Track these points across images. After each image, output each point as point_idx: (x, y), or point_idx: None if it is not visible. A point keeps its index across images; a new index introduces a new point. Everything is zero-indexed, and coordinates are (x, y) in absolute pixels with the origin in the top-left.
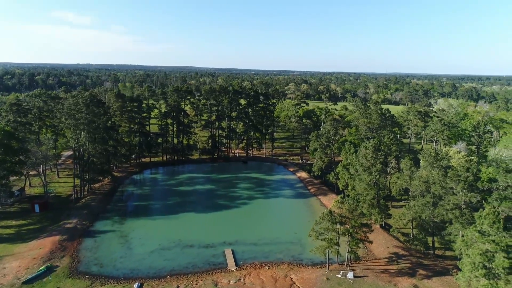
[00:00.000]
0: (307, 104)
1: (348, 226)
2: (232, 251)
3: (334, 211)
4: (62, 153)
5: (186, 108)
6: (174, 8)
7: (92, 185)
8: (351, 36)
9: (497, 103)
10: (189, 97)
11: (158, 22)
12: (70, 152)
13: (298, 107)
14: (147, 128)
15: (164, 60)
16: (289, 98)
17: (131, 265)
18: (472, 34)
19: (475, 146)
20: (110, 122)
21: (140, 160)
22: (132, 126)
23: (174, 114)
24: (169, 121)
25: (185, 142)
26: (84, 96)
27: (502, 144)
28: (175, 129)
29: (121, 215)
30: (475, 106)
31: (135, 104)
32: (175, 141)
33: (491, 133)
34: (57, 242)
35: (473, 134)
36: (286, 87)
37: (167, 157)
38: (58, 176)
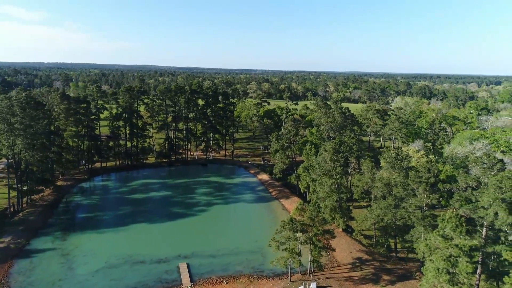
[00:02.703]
0: (269, 103)
1: (310, 234)
2: (188, 265)
3: (295, 219)
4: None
5: (141, 109)
6: (132, 3)
7: (32, 197)
8: (311, 36)
9: (448, 100)
10: (142, 97)
11: (115, 18)
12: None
13: (259, 106)
14: (97, 131)
15: (122, 59)
16: (251, 97)
17: None
18: (423, 33)
19: (431, 144)
20: (53, 126)
21: (90, 166)
22: (79, 129)
23: (126, 115)
24: (121, 123)
25: (139, 145)
26: (19, 98)
27: (456, 141)
28: (128, 131)
29: (64, 229)
30: (429, 103)
31: (82, 105)
32: (129, 144)
33: (446, 130)
34: None
35: (429, 132)
36: (247, 86)
37: (120, 162)
38: None
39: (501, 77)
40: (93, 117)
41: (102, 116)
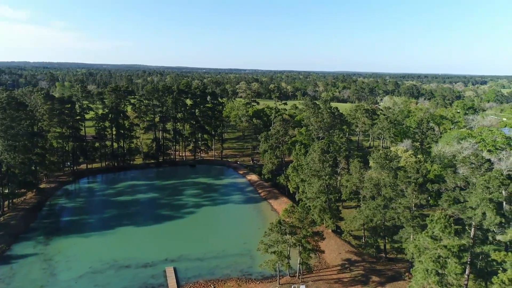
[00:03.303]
0: (258, 103)
1: (299, 236)
2: (174, 269)
3: (284, 221)
4: None
5: (128, 109)
6: (122, 1)
7: (14, 200)
8: (301, 36)
9: (436, 100)
10: (129, 97)
11: (104, 17)
12: None
13: (248, 106)
14: (82, 132)
15: (110, 58)
16: (240, 97)
17: None
18: (411, 34)
19: (419, 143)
20: (36, 127)
21: (75, 167)
22: (64, 130)
23: (113, 116)
24: (107, 124)
25: (126, 146)
26: None
27: (443, 140)
28: (114, 132)
29: (47, 234)
30: (417, 103)
31: (67, 106)
32: (115, 145)
33: (433, 129)
34: None
35: (417, 131)
36: (237, 86)
37: (106, 163)
38: None
39: (486, 77)
40: (78, 117)
41: (87, 116)
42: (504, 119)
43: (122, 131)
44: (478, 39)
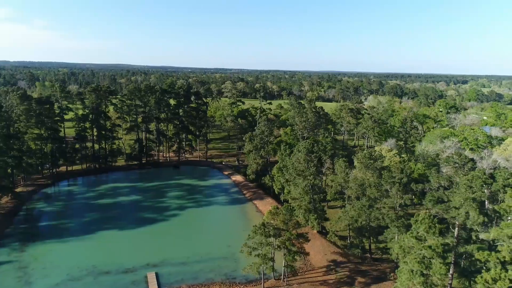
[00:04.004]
0: (243, 103)
1: (284, 238)
2: (156, 274)
3: (268, 223)
4: None
5: (110, 109)
6: (104, 0)
7: None
8: (286, 35)
9: (419, 99)
10: (110, 97)
11: (87, 16)
12: None
13: (234, 106)
14: (62, 133)
15: (94, 58)
16: (226, 96)
17: None
18: (394, 34)
19: (403, 142)
20: (12, 128)
21: (55, 170)
22: (42, 132)
23: (93, 117)
24: (87, 124)
25: (108, 147)
26: None
27: (427, 139)
28: (95, 133)
29: (23, 240)
30: (400, 102)
31: (45, 106)
32: (96, 147)
33: (417, 128)
34: None
35: (401, 130)
36: (222, 86)
37: (87, 165)
38: None
39: (467, 76)
40: (56, 118)
41: (67, 117)
42: (485, 117)
43: (104, 132)
44: (459, 40)
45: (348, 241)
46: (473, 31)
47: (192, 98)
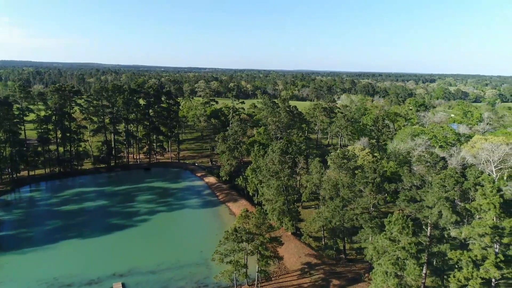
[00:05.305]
0: (217, 102)
1: (257, 243)
2: (123, 285)
3: (240, 227)
4: None
5: (76, 110)
6: None
7: None
8: (260, 35)
9: (390, 97)
10: (75, 98)
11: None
12: None
13: (207, 105)
14: (22, 135)
15: (62, 56)
16: (199, 96)
17: None
18: (365, 33)
19: (375, 140)
20: None
21: (15, 175)
22: (0, 135)
23: (57, 118)
24: (50, 126)
25: (73, 150)
26: None
27: (398, 137)
28: (59, 135)
29: None
30: (372, 100)
31: (4, 107)
32: (61, 149)
33: (388, 127)
34: None
35: (373, 129)
36: (196, 85)
37: (51, 169)
38: None
39: (435, 75)
40: (16, 120)
41: (28, 119)
42: (452, 115)
43: (68, 134)
44: (428, 40)
45: (323, 242)
46: (441, 32)
47: (163, 98)
